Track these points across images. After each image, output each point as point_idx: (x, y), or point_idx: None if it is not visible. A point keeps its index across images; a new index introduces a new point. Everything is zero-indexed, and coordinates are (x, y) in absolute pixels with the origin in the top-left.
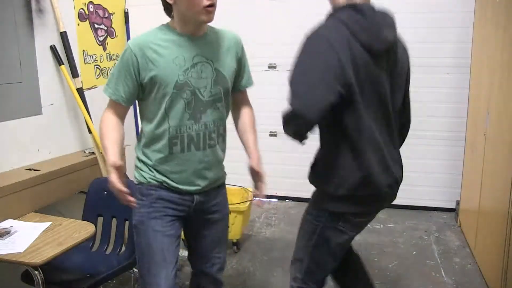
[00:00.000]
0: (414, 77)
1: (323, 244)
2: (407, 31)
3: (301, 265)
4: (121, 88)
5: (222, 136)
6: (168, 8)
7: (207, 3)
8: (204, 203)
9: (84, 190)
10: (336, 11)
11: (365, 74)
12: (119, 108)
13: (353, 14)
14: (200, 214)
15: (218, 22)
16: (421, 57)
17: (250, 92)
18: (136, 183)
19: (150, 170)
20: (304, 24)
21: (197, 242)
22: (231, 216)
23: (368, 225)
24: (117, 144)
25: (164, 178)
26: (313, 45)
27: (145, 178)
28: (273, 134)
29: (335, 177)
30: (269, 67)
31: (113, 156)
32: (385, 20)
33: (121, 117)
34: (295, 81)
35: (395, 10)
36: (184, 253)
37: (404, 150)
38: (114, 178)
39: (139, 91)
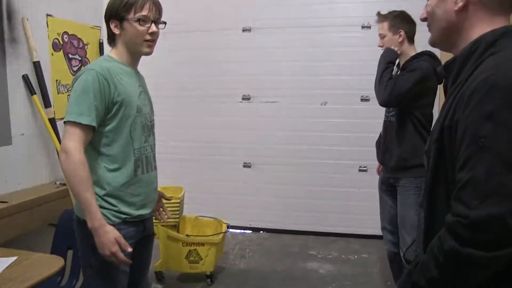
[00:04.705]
0: None
1: None
2: None
3: None
4: (94, 113)
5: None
6: (112, 38)
7: (149, 37)
8: (148, 227)
9: (54, 223)
10: None
11: None
12: (88, 136)
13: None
14: (144, 237)
15: (193, 53)
16: None
17: (224, 123)
18: None
19: (111, 204)
20: (277, 58)
21: (135, 266)
22: (205, 249)
23: (342, 256)
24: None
25: (127, 209)
26: None
27: (107, 217)
28: (247, 165)
29: None
30: (243, 99)
31: (102, 219)
32: None
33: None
34: None
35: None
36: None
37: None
38: (118, 249)
39: (103, 115)
